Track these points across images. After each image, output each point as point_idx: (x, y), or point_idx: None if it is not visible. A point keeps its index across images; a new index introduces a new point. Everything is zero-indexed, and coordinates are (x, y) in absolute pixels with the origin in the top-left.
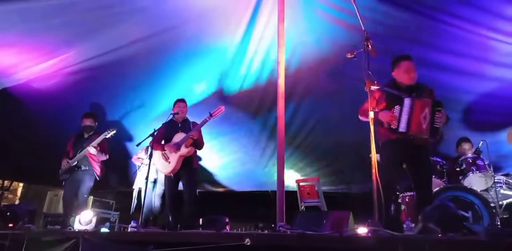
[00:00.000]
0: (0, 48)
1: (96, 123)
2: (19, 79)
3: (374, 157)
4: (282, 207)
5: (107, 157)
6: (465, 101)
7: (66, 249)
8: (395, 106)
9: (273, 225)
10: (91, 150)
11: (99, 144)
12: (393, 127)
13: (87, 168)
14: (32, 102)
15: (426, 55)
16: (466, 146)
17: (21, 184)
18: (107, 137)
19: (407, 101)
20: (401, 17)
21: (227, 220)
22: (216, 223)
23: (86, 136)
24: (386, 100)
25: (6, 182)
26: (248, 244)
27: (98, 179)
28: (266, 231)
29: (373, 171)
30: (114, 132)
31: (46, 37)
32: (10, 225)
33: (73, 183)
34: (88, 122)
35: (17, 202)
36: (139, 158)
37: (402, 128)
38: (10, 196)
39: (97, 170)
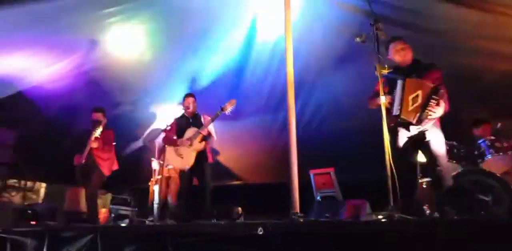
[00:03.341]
0: (11, 52)
1: (106, 119)
2: (30, 82)
3: (387, 142)
4: (295, 196)
5: (113, 147)
6: (482, 81)
7: (86, 244)
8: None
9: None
10: (93, 144)
11: (101, 136)
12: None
13: (94, 166)
14: (46, 103)
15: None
16: (482, 127)
17: (43, 184)
18: (95, 135)
19: (399, 83)
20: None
21: (240, 210)
22: (229, 213)
23: (93, 132)
24: (389, 84)
25: (29, 182)
26: (261, 233)
27: (105, 177)
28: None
29: (387, 157)
30: (101, 129)
31: (54, 39)
32: (32, 222)
33: (85, 181)
34: (95, 117)
35: (40, 201)
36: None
37: (395, 111)
38: (34, 196)
39: (104, 167)
